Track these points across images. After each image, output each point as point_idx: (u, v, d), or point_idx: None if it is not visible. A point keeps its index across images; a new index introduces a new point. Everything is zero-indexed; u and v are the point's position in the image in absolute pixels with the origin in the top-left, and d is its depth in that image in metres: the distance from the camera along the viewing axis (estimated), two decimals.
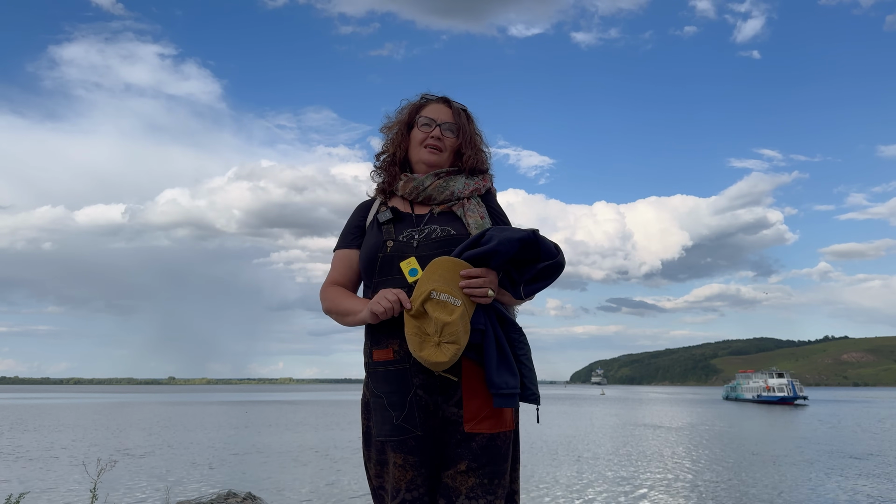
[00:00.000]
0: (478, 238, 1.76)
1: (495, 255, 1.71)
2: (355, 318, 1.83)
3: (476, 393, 1.75)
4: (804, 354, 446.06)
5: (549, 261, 1.77)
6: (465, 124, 1.99)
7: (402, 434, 1.75)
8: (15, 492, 5.55)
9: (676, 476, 14.56)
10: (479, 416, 1.75)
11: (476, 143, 2.00)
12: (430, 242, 1.84)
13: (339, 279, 1.98)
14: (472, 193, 1.95)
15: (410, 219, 1.91)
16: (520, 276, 1.80)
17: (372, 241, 1.90)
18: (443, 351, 1.65)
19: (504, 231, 1.75)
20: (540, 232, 1.77)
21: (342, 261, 1.99)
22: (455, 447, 1.75)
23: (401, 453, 1.75)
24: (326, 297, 1.95)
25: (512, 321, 1.81)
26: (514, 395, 1.72)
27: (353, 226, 2.02)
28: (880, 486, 13.21)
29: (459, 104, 2.03)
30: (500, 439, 1.77)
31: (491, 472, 1.74)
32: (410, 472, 1.75)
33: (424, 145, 1.95)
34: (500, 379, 1.71)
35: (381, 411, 1.78)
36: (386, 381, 1.79)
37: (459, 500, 1.72)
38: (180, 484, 13.45)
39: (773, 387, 63.01)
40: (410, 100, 2.05)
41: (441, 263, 1.72)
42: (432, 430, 1.76)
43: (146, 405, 63.01)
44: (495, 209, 1.99)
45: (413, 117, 2.00)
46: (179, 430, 29.07)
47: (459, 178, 1.96)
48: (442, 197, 1.92)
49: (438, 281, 1.69)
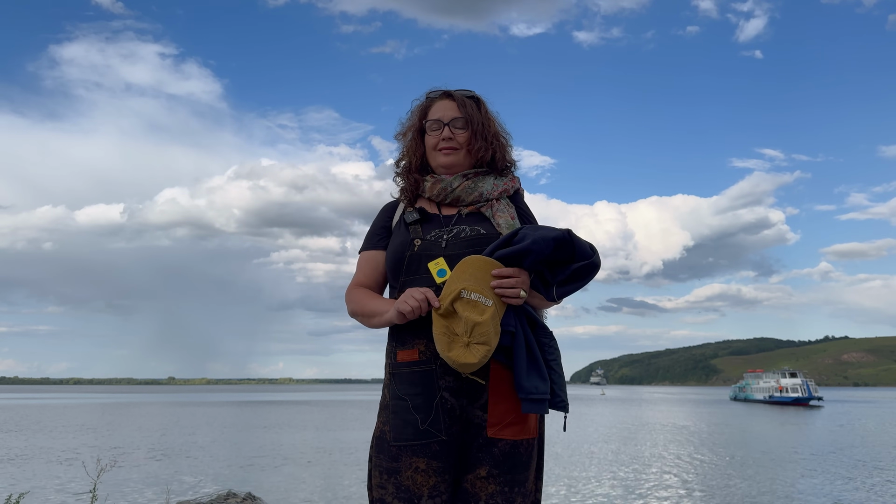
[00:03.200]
0: (510, 237, 1.70)
1: (529, 255, 1.65)
2: (381, 318, 1.77)
3: (503, 397, 1.70)
4: (804, 354, 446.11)
5: (584, 261, 1.70)
6: (473, 113, 1.90)
7: (426, 438, 1.68)
8: (15, 492, 5.54)
9: (703, 480, 14.44)
10: (504, 422, 1.69)
11: (490, 131, 1.92)
12: (458, 242, 1.78)
13: (364, 281, 1.91)
14: (501, 194, 1.89)
15: (438, 219, 1.86)
16: (553, 277, 1.73)
17: (399, 241, 1.84)
18: (472, 352, 1.58)
19: (538, 230, 1.69)
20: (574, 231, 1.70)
21: (368, 262, 1.92)
22: (476, 451, 1.70)
23: (424, 458, 1.68)
24: (352, 298, 1.88)
25: (542, 324, 1.74)
26: (544, 400, 1.66)
27: (378, 227, 1.96)
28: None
29: (464, 92, 1.95)
30: (522, 447, 1.72)
31: (511, 479, 1.69)
32: (434, 477, 1.68)
33: (438, 149, 1.90)
34: (530, 383, 1.64)
35: (404, 414, 1.71)
36: (411, 383, 1.72)
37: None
38: (180, 484, 13.45)
39: (787, 387, 61.18)
40: (419, 100, 1.99)
41: (472, 262, 1.66)
42: (455, 434, 1.71)
43: (146, 405, 63.05)
44: (524, 210, 1.93)
45: (422, 121, 1.95)
46: (179, 431, 29.07)
47: (488, 178, 1.90)
48: (470, 198, 1.87)
49: (469, 280, 1.63)
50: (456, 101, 1.92)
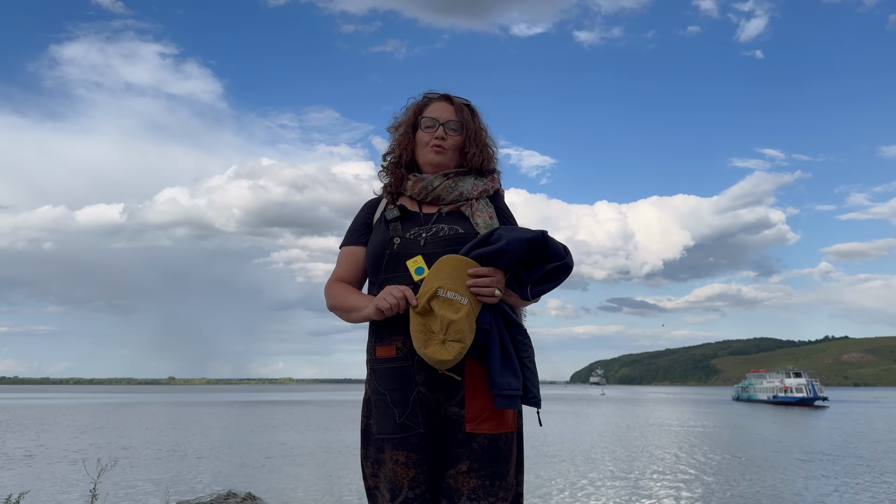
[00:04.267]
0: (486, 237, 1.76)
1: (504, 255, 1.71)
2: (360, 314, 1.83)
3: (478, 393, 1.75)
4: (804, 354, 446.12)
5: (558, 262, 1.77)
6: (468, 120, 1.98)
7: (404, 432, 1.75)
8: (15, 492, 5.55)
9: (722, 482, 14.31)
10: (481, 417, 1.75)
11: (481, 139, 2.00)
12: (437, 241, 1.84)
13: (344, 276, 1.97)
14: (481, 194, 1.95)
15: (418, 217, 1.91)
16: (527, 277, 1.80)
17: (379, 238, 1.90)
18: (447, 349, 1.65)
19: (513, 231, 1.75)
20: (549, 233, 1.77)
21: (348, 258, 1.98)
22: (456, 447, 1.75)
23: (403, 450, 1.75)
24: (331, 293, 1.94)
25: (517, 323, 1.80)
26: (517, 396, 1.72)
27: (360, 223, 2.01)
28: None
29: (462, 99, 2.02)
30: (501, 440, 1.77)
31: (492, 473, 1.74)
32: (413, 469, 1.75)
33: (430, 146, 1.95)
34: (503, 380, 1.70)
35: (383, 408, 1.78)
36: (389, 378, 1.79)
37: (461, 500, 1.72)
38: (180, 484, 13.46)
39: (791, 387, 59.89)
40: (416, 98, 2.04)
41: (449, 261, 1.72)
42: (434, 428, 1.77)
43: (146, 405, 63.05)
44: (503, 210, 1.99)
45: (417, 118, 2.00)
46: (179, 431, 29.07)
47: (468, 178, 1.96)
48: (451, 197, 1.92)
49: (446, 279, 1.69)
50: (454, 106, 1.99)
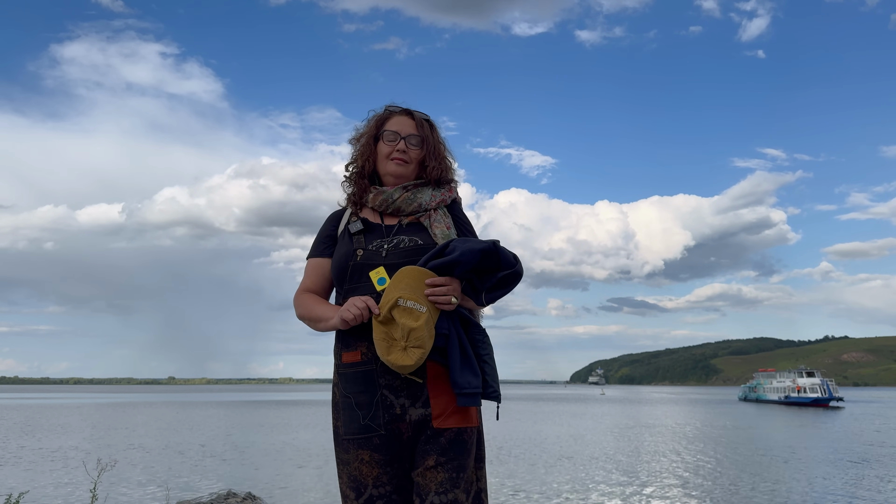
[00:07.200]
0: (442, 248, 1.91)
1: (458, 265, 1.86)
2: (327, 324, 1.96)
3: (442, 390, 1.88)
4: (804, 354, 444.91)
5: (508, 270, 1.93)
6: (428, 135, 2.09)
7: (367, 433, 1.87)
8: (15, 492, 5.55)
9: (748, 485, 14.18)
10: (447, 412, 1.87)
11: (440, 153, 2.11)
12: (398, 252, 1.96)
13: (311, 286, 2.09)
14: (439, 204, 2.07)
15: (380, 229, 2.03)
16: (482, 284, 1.94)
17: (343, 251, 2.02)
18: (409, 355, 1.79)
19: (466, 242, 1.89)
20: (501, 243, 1.92)
21: (314, 269, 2.10)
22: (424, 444, 1.86)
23: (367, 450, 1.88)
24: (300, 303, 2.06)
25: (475, 323, 1.95)
26: (477, 394, 1.86)
27: (324, 235, 2.13)
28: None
29: (422, 114, 2.13)
30: (466, 434, 1.89)
31: (458, 465, 1.85)
32: (377, 468, 1.88)
33: (391, 158, 2.05)
34: (464, 379, 1.84)
35: (349, 411, 1.91)
36: (354, 382, 1.91)
37: (430, 496, 1.80)
38: (180, 484, 13.49)
39: (805, 387, 57.74)
40: (377, 111, 2.14)
41: (407, 272, 1.86)
42: (397, 430, 1.87)
43: (146, 405, 63.05)
44: (461, 218, 2.11)
45: (379, 130, 2.09)
46: (179, 431, 29.10)
47: (426, 189, 2.07)
48: (410, 209, 2.04)
49: (405, 289, 1.83)
50: (415, 121, 2.10)
